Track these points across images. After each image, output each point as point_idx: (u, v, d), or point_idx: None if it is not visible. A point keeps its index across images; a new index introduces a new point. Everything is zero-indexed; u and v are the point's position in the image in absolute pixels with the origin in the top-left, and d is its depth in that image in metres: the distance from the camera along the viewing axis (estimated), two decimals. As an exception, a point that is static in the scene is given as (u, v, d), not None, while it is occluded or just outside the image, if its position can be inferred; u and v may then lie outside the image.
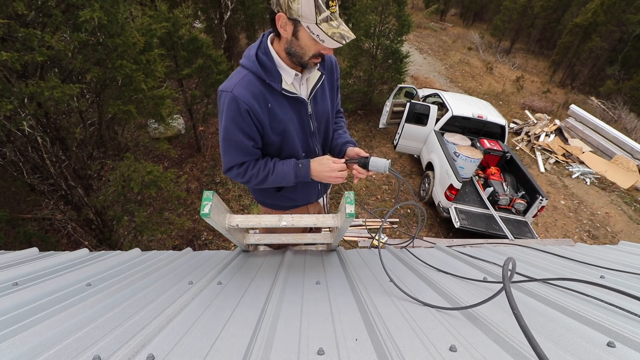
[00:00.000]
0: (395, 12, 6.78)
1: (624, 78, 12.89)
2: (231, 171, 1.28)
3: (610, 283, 1.22)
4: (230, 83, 1.15)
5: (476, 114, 5.51)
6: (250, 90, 1.13)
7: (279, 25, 1.04)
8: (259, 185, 1.31)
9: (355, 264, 1.44)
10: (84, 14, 2.31)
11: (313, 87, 1.27)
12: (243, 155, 1.25)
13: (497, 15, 17.61)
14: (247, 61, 1.16)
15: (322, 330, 0.86)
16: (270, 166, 1.28)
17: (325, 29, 1.00)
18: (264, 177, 1.27)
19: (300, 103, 1.25)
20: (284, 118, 1.23)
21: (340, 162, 1.26)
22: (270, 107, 1.19)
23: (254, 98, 1.14)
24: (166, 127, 4.09)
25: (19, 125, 2.43)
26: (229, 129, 1.18)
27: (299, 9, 0.97)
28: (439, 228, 5.15)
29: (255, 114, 1.16)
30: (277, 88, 1.17)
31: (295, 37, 1.06)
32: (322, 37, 1.01)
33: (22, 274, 1.28)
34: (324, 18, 0.99)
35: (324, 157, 1.29)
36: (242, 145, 1.21)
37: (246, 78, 1.15)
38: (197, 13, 7.68)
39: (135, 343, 0.74)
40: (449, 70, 12.48)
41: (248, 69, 1.15)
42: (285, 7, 0.99)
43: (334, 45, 1.04)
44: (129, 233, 3.63)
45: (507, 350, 0.75)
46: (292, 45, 1.08)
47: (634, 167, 7.47)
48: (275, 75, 1.15)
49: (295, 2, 0.96)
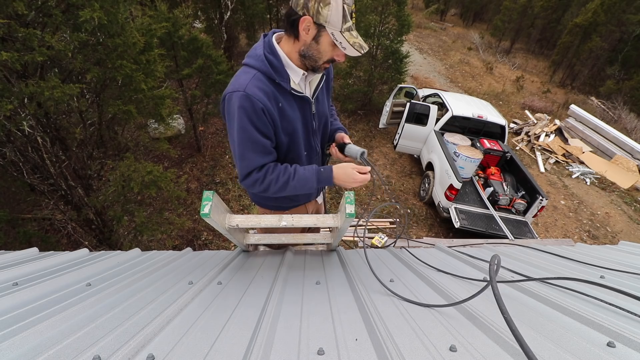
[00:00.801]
0: (395, 12, 6.78)
1: (624, 78, 12.89)
2: (250, 177, 1.21)
3: (610, 283, 1.22)
4: (240, 83, 1.12)
5: (476, 114, 5.51)
6: (262, 89, 1.12)
7: (302, 27, 1.06)
8: (278, 193, 1.25)
9: (355, 264, 1.44)
10: (84, 14, 2.31)
11: (316, 87, 1.30)
12: (262, 156, 1.20)
13: (497, 15, 17.61)
14: (255, 61, 1.14)
15: (322, 330, 0.86)
16: (290, 171, 1.23)
17: (347, 38, 1.05)
18: (284, 183, 1.22)
19: (305, 102, 1.27)
20: (293, 117, 1.23)
21: (365, 171, 1.23)
22: (281, 106, 1.18)
23: (267, 97, 1.13)
24: (166, 127, 4.09)
25: (19, 125, 2.43)
26: (245, 128, 1.13)
27: (328, 15, 1.01)
28: (439, 228, 5.15)
29: (269, 112, 1.15)
30: (286, 87, 1.17)
31: (315, 41, 1.09)
32: (344, 44, 1.07)
33: (22, 274, 1.28)
34: (347, 27, 1.05)
35: (347, 166, 1.24)
36: (260, 144, 1.17)
37: (257, 77, 1.13)
38: (197, 13, 7.68)
39: (135, 343, 0.74)
40: (449, 70, 12.48)
41: (257, 69, 1.14)
42: (313, 11, 1.02)
43: (354, 53, 1.08)
44: (129, 233, 3.63)
45: (507, 350, 0.75)
46: (310, 48, 1.11)
47: (634, 167, 7.47)
48: (284, 75, 1.16)
49: (326, 8, 1.00)
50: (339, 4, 1.01)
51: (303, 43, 1.10)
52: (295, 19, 1.06)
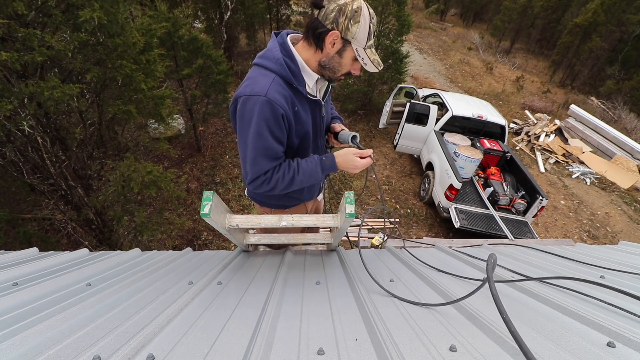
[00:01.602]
0: (395, 12, 6.78)
1: (624, 78, 12.88)
2: (257, 180, 1.21)
3: (610, 283, 1.22)
4: (260, 87, 1.10)
5: (476, 114, 5.51)
6: (282, 94, 1.13)
7: (328, 40, 1.11)
8: (286, 190, 1.26)
9: (355, 264, 1.44)
10: (84, 14, 2.31)
11: (325, 91, 1.36)
12: (273, 160, 1.20)
13: (497, 15, 17.60)
14: (274, 64, 1.14)
15: (322, 330, 0.86)
16: (294, 166, 1.24)
17: (369, 55, 1.14)
18: (290, 179, 1.22)
19: (317, 105, 1.31)
20: (306, 120, 1.26)
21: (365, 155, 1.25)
22: (297, 110, 1.20)
23: (286, 102, 1.14)
24: (166, 127, 4.09)
25: (19, 125, 2.43)
26: (262, 135, 1.13)
27: (356, 32, 1.08)
28: (439, 228, 5.15)
29: (287, 118, 1.16)
30: (303, 92, 1.19)
31: (338, 55, 1.14)
32: (365, 60, 1.15)
33: (22, 274, 1.28)
34: (370, 45, 1.13)
35: (348, 152, 1.26)
36: (273, 151, 1.18)
37: (276, 81, 1.13)
38: (197, 13, 7.68)
39: (135, 343, 0.74)
40: (449, 70, 12.48)
41: (276, 73, 1.14)
42: (343, 27, 1.08)
43: (373, 69, 1.17)
44: (129, 233, 3.63)
45: (507, 350, 0.74)
46: (332, 61, 1.16)
47: (634, 167, 7.47)
48: (300, 80, 1.18)
49: (355, 26, 1.07)
50: (366, 23, 1.07)
51: (326, 55, 1.15)
52: (322, 32, 1.10)
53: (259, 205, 1.63)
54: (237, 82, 7.51)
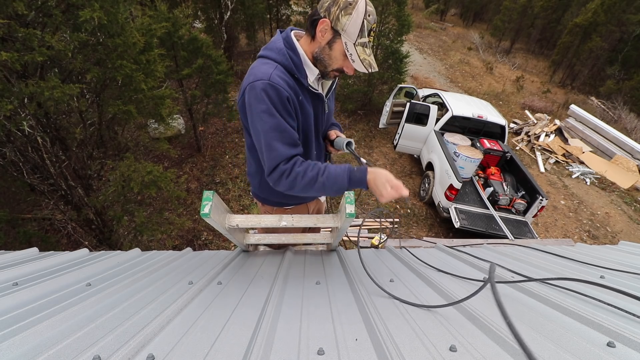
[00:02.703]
0: (395, 12, 6.78)
1: (624, 78, 12.88)
2: (276, 170, 1.13)
3: (610, 283, 1.22)
4: (263, 72, 1.08)
5: (476, 114, 5.51)
6: (285, 80, 1.12)
7: (319, 29, 1.09)
8: (304, 191, 1.14)
9: (355, 264, 1.44)
10: (84, 14, 2.31)
11: (329, 88, 1.34)
12: (290, 147, 1.13)
13: (497, 15, 17.60)
14: (277, 54, 1.14)
15: (322, 330, 0.86)
16: (320, 167, 1.14)
17: (359, 52, 1.08)
18: (312, 178, 1.11)
19: (319, 100, 1.29)
20: (309, 113, 1.25)
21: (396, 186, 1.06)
22: (300, 99, 1.19)
23: (290, 88, 1.13)
24: (166, 127, 4.09)
25: (19, 125, 2.43)
26: (272, 114, 1.08)
27: (346, 24, 1.04)
28: (439, 228, 5.15)
29: (293, 102, 1.14)
30: (304, 83, 1.18)
31: (328, 46, 1.12)
32: (354, 57, 1.09)
33: (22, 274, 1.28)
34: (362, 43, 1.08)
35: (382, 174, 1.08)
36: (287, 133, 1.11)
37: (279, 69, 1.12)
38: (197, 13, 7.69)
39: (135, 343, 0.74)
40: (449, 70, 12.48)
41: (278, 62, 1.14)
42: (333, 16, 1.05)
43: (361, 69, 1.10)
44: (129, 233, 3.63)
45: (507, 350, 0.74)
46: (323, 52, 1.14)
47: (634, 167, 7.47)
48: (302, 72, 1.17)
49: (346, 17, 1.03)
50: (359, 17, 1.03)
51: (317, 45, 1.13)
52: (315, 19, 1.09)
53: (260, 204, 1.63)
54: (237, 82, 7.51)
